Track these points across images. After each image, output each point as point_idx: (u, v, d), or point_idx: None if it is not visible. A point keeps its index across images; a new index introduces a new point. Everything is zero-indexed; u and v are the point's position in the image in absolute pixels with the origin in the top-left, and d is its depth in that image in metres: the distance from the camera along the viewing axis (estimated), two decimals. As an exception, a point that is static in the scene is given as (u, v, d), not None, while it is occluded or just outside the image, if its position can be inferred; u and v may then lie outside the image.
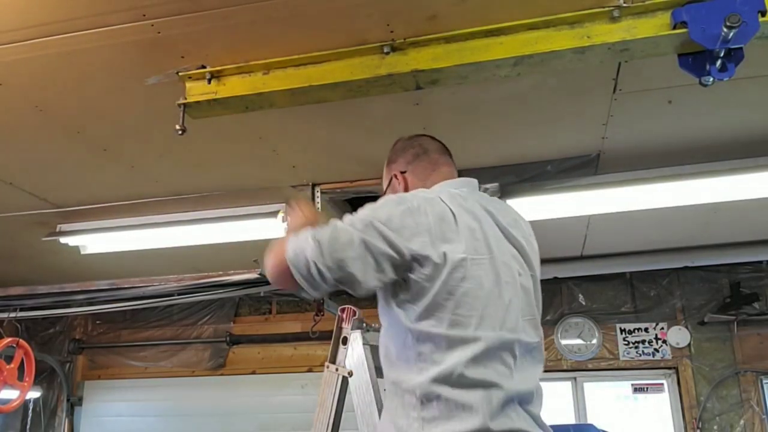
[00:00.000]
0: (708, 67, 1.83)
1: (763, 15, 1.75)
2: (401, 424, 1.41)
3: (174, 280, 3.15)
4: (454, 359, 1.39)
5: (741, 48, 1.80)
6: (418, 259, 1.44)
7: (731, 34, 1.73)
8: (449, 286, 1.43)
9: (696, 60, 1.87)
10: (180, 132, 2.13)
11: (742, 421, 4.51)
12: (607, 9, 1.84)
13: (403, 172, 1.79)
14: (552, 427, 1.56)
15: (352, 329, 1.73)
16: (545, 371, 1.57)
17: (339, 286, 1.48)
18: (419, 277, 1.44)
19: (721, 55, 1.80)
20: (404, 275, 1.46)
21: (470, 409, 1.37)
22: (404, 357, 1.46)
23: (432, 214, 1.49)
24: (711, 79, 1.84)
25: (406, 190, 1.74)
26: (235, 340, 5.58)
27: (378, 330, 1.81)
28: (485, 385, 1.39)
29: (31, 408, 5.68)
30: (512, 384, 1.43)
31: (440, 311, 1.43)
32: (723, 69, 1.83)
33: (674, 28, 1.81)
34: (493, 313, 1.46)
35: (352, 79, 2.02)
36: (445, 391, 1.38)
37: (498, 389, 1.40)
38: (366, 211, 1.51)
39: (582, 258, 4.69)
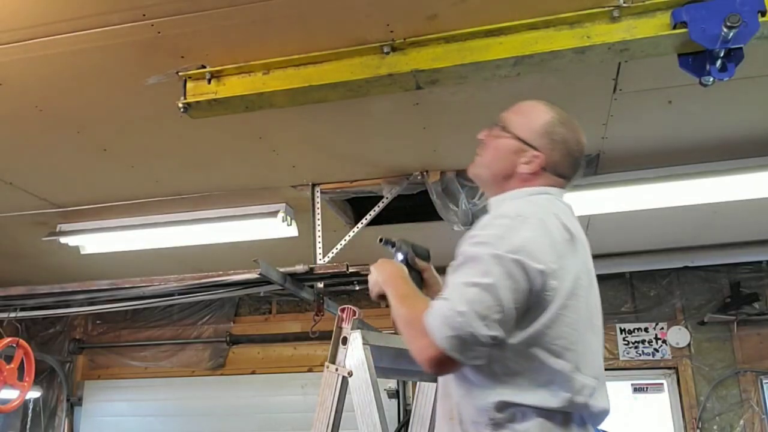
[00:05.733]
0: (708, 67, 1.83)
1: (763, 15, 1.75)
2: None
3: (174, 280, 3.13)
4: None
5: (741, 48, 1.80)
6: None
7: (731, 34, 1.73)
8: None
9: (696, 60, 1.87)
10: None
11: (741, 421, 4.51)
12: (607, 9, 1.84)
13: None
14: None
15: (352, 329, 1.73)
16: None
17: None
18: None
19: (721, 55, 1.80)
20: None
21: None
22: None
23: None
24: (711, 79, 1.84)
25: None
26: (235, 340, 5.58)
27: (377, 330, 1.82)
28: None
29: (31, 408, 5.68)
30: None
31: None
32: (723, 69, 1.83)
33: (674, 28, 1.81)
34: None
35: (352, 79, 2.02)
36: None
37: None
38: None
39: (582, 258, 4.68)
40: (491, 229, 1.32)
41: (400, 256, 1.71)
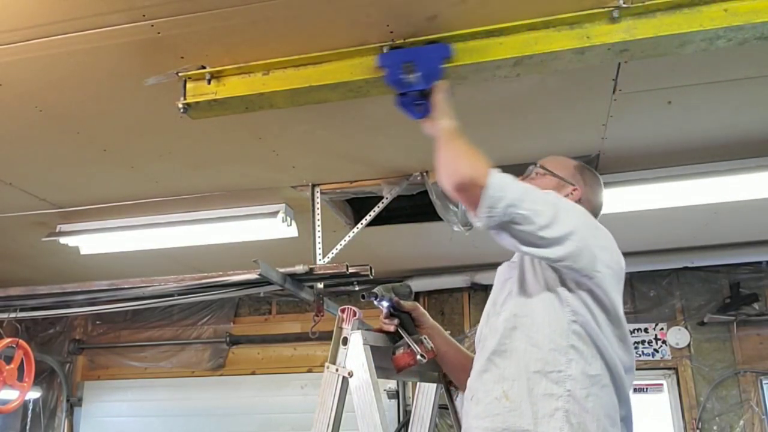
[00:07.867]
0: (411, 107, 1.95)
1: (449, 62, 1.90)
2: None
3: (174, 280, 3.13)
4: None
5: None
6: None
7: (413, 79, 1.89)
8: None
9: (405, 100, 1.98)
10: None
11: (741, 422, 4.51)
12: (606, 9, 1.84)
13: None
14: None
15: (352, 330, 1.72)
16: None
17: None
18: None
19: (415, 97, 1.93)
20: None
21: None
22: None
23: None
24: (415, 117, 1.95)
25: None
26: (235, 341, 5.59)
27: (377, 331, 1.81)
28: None
29: (30, 408, 5.69)
30: None
31: None
32: (421, 108, 1.94)
33: (379, 70, 1.95)
34: None
35: (352, 79, 2.02)
36: None
37: None
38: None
39: (582, 258, 4.68)
40: None
41: (385, 304, 1.76)
